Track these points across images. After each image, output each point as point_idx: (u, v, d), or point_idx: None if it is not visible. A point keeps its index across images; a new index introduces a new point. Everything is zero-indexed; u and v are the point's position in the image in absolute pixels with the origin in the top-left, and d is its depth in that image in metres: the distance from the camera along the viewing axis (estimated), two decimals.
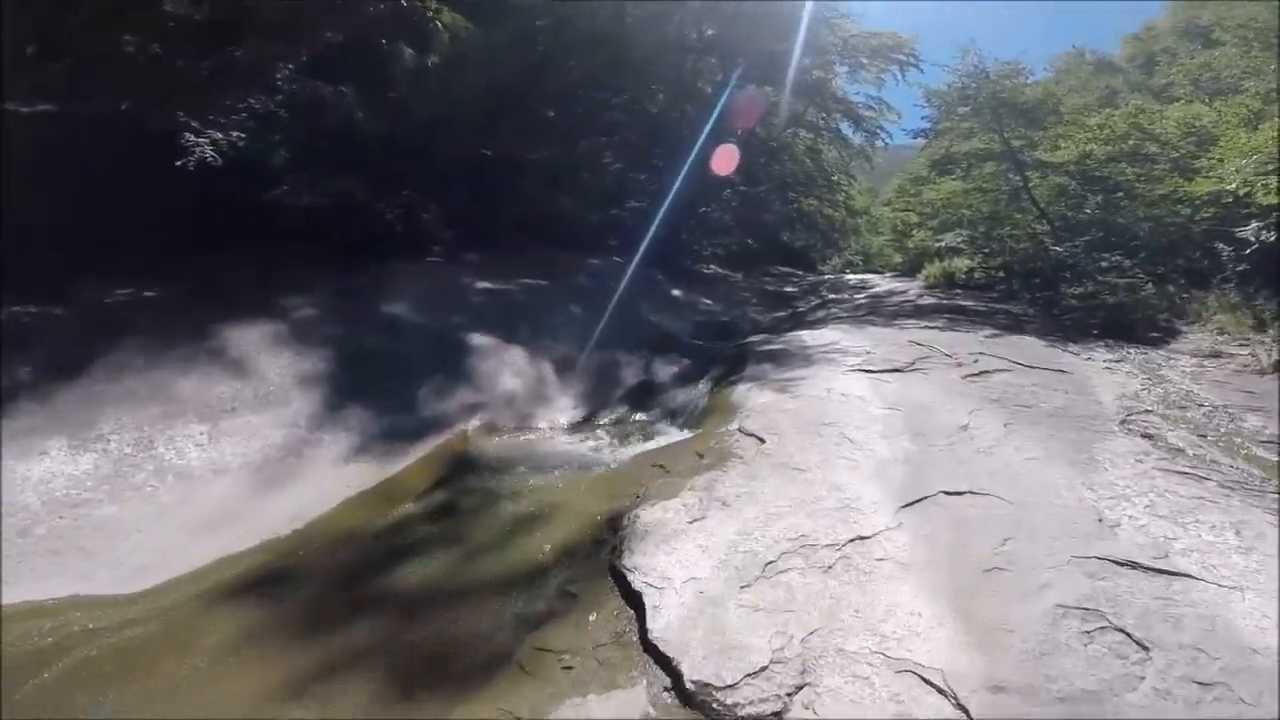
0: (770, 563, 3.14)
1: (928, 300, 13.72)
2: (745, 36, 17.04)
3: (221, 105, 6.58)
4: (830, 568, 3.13)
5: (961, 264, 16.81)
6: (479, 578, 3.52)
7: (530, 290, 8.39)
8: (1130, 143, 14.17)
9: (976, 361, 7.23)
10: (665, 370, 7.53)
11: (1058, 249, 14.38)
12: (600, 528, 3.83)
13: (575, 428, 5.94)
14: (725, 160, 18.78)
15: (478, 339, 6.65)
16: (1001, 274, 15.90)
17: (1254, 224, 10.26)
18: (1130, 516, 3.86)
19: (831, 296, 16.33)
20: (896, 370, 6.64)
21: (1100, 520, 3.79)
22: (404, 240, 9.51)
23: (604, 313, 8.66)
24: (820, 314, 12.95)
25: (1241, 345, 8.89)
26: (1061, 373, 7.06)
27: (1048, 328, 10.31)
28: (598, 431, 5.81)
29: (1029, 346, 8.50)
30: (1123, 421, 5.55)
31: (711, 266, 18.91)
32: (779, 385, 6.35)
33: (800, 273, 22.92)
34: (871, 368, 6.72)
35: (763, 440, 4.70)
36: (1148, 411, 5.94)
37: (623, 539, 3.51)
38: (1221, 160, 11.85)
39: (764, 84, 19.24)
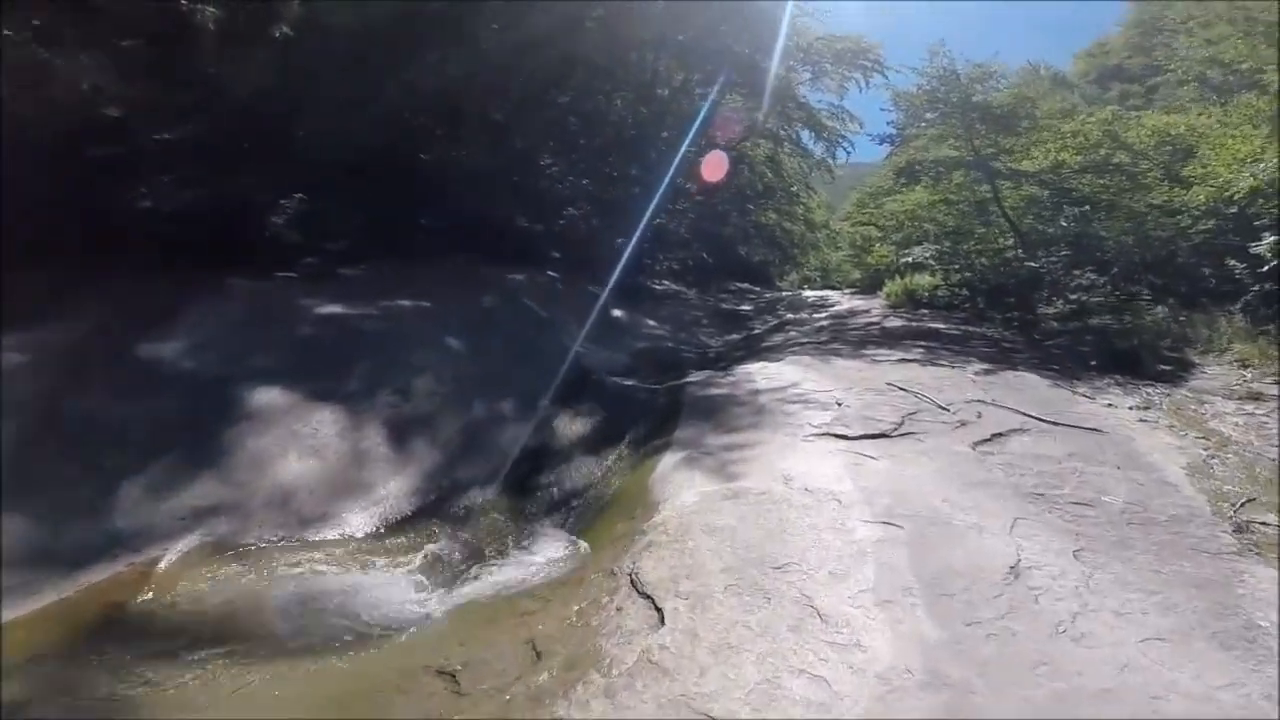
0: None
1: (895, 322, 11.61)
2: (708, 35, 14.80)
3: None
4: None
5: (924, 281, 14.72)
6: None
7: (398, 316, 5.95)
8: (1102, 151, 12.34)
9: (980, 417, 5.05)
10: (570, 429, 5.21)
11: (1032, 264, 12.45)
12: None
13: (383, 538, 3.56)
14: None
15: (268, 396, 4.24)
16: (966, 291, 13.89)
17: (1271, 237, 8.30)
18: None
19: (790, 316, 14.18)
20: (881, 435, 4.41)
21: None
22: (264, 250, 7.10)
23: (503, 344, 6.31)
24: (777, 338, 10.79)
25: (1277, 383, 6.90)
26: (1095, 432, 4.91)
27: (1039, 358, 8.24)
28: (416, 549, 3.44)
29: (1032, 388, 6.39)
30: (1236, 529, 3.38)
31: (664, 282, 16.65)
32: (716, 463, 4.09)
33: (757, 289, 20.76)
34: (846, 431, 4.49)
35: (662, 618, 2.41)
36: (1250, 501, 3.80)
37: None
38: (1208, 168, 10.02)
39: (726, 89, 17.08)
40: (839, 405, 5.12)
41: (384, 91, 8.40)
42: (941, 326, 10.92)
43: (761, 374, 6.64)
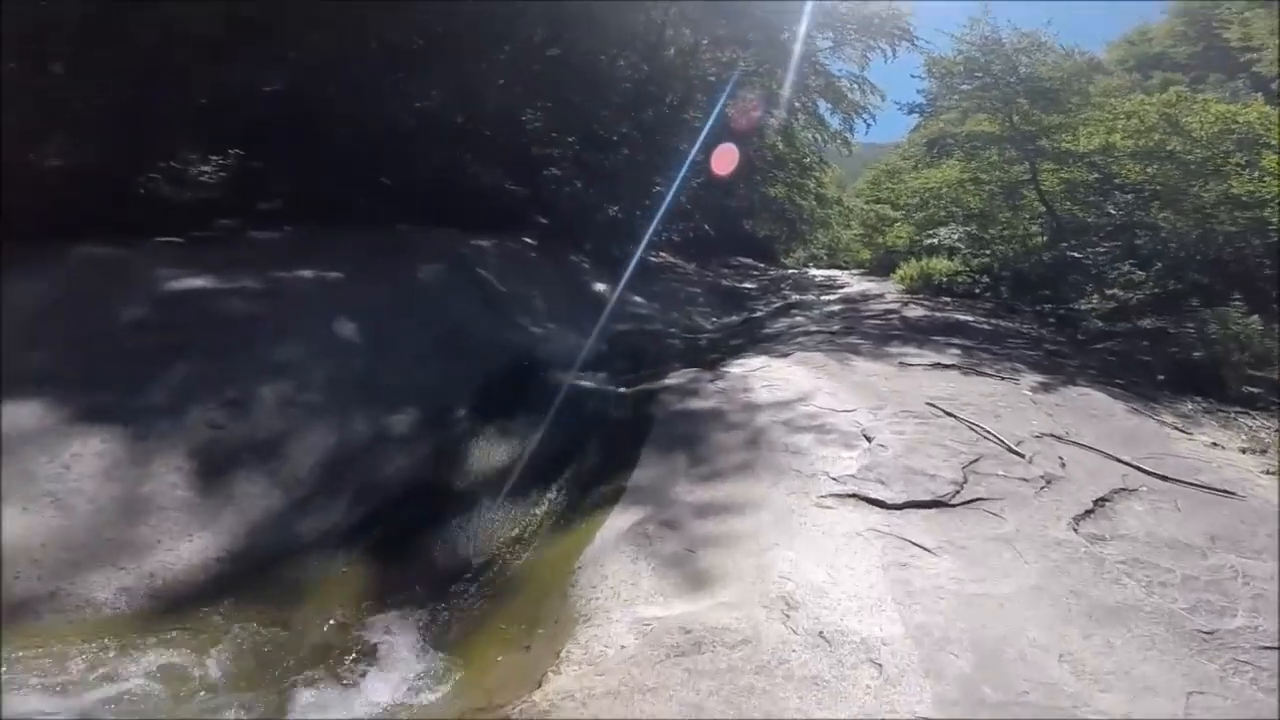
0: None
1: (916, 311, 10.02)
2: None
3: None
4: None
5: (943, 265, 13.01)
6: None
7: (286, 293, 4.28)
8: (1157, 136, 10.61)
9: (1064, 466, 3.54)
10: (488, 456, 3.71)
11: (1075, 254, 10.83)
12: None
13: (131, 634, 2.08)
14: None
15: (12, 416, 2.72)
16: (987, 279, 12.25)
17: None
18: None
19: (796, 298, 12.62)
20: (936, 504, 2.90)
21: None
22: (152, 212, 5.62)
23: (424, 329, 4.78)
24: (782, 324, 9.25)
25: None
26: (1226, 496, 3.41)
27: (1095, 368, 6.73)
28: (165, 663, 1.98)
29: (1108, 414, 4.88)
30: None
31: (661, 254, 15.01)
32: (679, 544, 2.62)
33: (761, 265, 19.10)
34: (882, 492, 2.98)
35: None
36: None
37: None
38: None
39: (736, 47, 15.19)
40: (868, 440, 3.60)
41: (344, 41, 6.80)
42: (969, 319, 9.36)
43: (761, 377, 5.12)
